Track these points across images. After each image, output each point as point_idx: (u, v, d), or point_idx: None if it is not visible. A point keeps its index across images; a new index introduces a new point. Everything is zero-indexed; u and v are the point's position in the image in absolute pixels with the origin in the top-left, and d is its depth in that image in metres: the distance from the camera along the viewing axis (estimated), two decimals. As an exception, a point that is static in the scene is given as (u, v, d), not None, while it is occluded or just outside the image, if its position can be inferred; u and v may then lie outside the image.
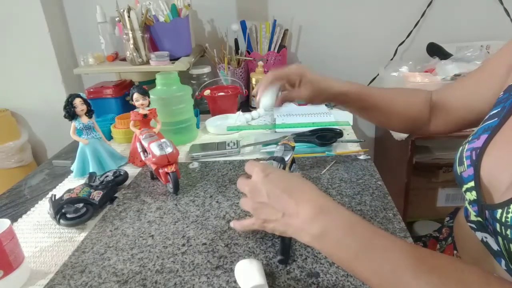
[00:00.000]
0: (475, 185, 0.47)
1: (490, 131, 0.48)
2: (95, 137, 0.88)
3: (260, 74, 1.27)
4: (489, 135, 0.48)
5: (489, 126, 0.50)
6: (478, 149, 0.48)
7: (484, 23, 1.32)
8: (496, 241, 0.45)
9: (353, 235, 0.40)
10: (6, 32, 1.38)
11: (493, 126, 0.49)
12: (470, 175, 0.48)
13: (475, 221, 0.51)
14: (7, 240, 0.53)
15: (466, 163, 0.50)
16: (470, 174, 0.48)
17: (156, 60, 1.11)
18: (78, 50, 1.51)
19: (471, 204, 0.50)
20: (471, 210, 0.52)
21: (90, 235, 0.66)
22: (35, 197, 0.83)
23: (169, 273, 0.55)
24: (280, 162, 0.63)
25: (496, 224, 0.43)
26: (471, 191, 0.48)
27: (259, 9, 1.40)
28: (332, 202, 0.44)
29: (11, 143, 1.45)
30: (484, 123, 0.52)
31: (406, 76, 1.13)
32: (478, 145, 0.49)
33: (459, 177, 0.51)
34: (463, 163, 0.50)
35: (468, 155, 0.50)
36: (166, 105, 0.98)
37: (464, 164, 0.50)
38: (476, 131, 0.52)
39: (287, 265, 0.54)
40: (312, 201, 0.44)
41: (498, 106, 0.51)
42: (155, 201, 0.75)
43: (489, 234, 0.48)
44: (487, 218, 0.46)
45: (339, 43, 1.42)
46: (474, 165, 0.48)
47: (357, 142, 0.93)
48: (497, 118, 0.49)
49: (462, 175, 0.50)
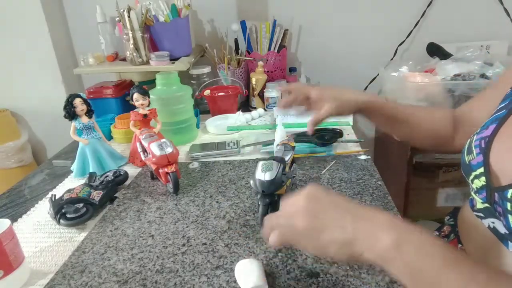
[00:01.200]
0: (484, 171, 0.49)
1: (499, 121, 0.51)
2: (95, 137, 0.88)
3: (260, 74, 1.27)
4: (498, 124, 0.50)
5: (497, 117, 0.52)
6: (487, 137, 0.51)
7: (484, 23, 1.32)
8: (505, 223, 0.47)
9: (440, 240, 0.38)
10: (6, 32, 1.38)
11: (501, 117, 0.51)
12: (479, 162, 0.50)
13: (482, 209, 0.53)
14: (7, 240, 0.53)
15: (475, 151, 0.52)
16: (479, 161, 0.50)
17: (156, 60, 1.11)
18: (78, 50, 1.51)
19: (478, 192, 0.52)
20: (478, 198, 0.53)
21: (90, 235, 0.66)
22: (35, 197, 0.83)
23: (169, 273, 0.55)
24: (280, 162, 0.63)
25: (507, 204, 0.44)
26: (480, 177, 0.50)
27: (259, 9, 1.40)
28: None
29: (11, 143, 1.45)
30: (493, 115, 0.54)
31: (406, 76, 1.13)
32: (487, 134, 0.51)
33: (467, 165, 0.53)
34: (472, 152, 0.52)
35: (477, 144, 0.52)
36: (166, 105, 0.98)
37: (473, 153, 0.52)
38: (485, 124, 0.54)
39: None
40: (385, 212, 0.41)
41: (506, 100, 0.54)
42: (155, 201, 0.75)
43: (497, 218, 0.49)
44: (496, 201, 0.47)
45: (339, 43, 1.42)
46: (483, 152, 0.50)
47: (357, 142, 0.93)
48: (505, 110, 0.51)
49: (471, 163, 0.52)
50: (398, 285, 0.49)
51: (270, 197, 0.61)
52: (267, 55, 1.33)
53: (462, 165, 0.56)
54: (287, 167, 0.66)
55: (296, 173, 0.79)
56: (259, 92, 1.30)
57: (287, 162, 0.66)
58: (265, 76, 1.28)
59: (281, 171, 0.61)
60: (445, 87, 1.04)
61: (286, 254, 0.57)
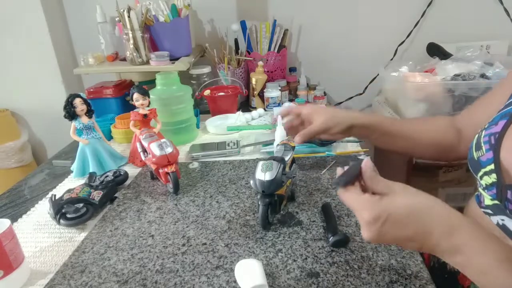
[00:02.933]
0: (495, 167, 0.49)
1: (509, 117, 0.50)
2: (95, 137, 0.88)
3: (260, 74, 1.27)
4: (508, 120, 0.50)
5: (507, 112, 0.51)
6: (497, 133, 0.50)
7: (484, 23, 1.32)
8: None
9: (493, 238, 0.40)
10: (6, 32, 1.38)
11: (511, 112, 0.50)
12: (489, 158, 0.50)
13: (491, 205, 0.52)
14: (7, 240, 0.53)
15: (485, 148, 0.51)
16: (489, 158, 0.50)
17: (156, 60, 1.11)
18: (78, 50, 1.51)
19: (487, 189, 0.51)
20: (487, 194, 0.52)
21: (90, 235, 0.66)
22: (35, 197, 0.83)
23: (169, 273, 0.55)
24: (280, 162, 0.63)
25: None
26: (490, 174, 0.49)
27: (259, 9, 1.40)
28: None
29: (11, 143, 1.45)
30: (501, 111, 0.53)
31: (406, 76, 1.12)
32: (497, 130, 0.50)
33: (476, 162, 0.53)
34: (481, 148, 0.52)
35: (487, 140, 0.51)
36: (166, 105, 0.98)
37: (482, 149, 0.52)
38: (493, 119, 0.54)
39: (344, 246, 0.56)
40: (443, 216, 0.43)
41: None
42: (155, 201, 0.75)
43: (507, 216, 0.49)
44: (509, 198, 0.47)
45: (339, 43, 1.42)
46: (494, 149, 0.49)
47: (357, 142, 0.93)
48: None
49: (480, 160, 0.52)
50: (398, 285, 0.49)
51: (270, 197, 0.61)
52: (267, 55, 1.33)
53: (470, 161, 0.55)
54: (287, 167, 0.66)
55: (296, 173, 0.79)
56: (259, 92, 1.30)
57: (287, 162, 0.66)
58: (265, 76, 1.28)
59: (281, 171, 0.61)
60: (445, 87, 1.04)
61: (286, 254, 0.57)
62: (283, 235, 0.61)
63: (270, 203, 0.61)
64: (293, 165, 0.72)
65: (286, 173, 0.63)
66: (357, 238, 0.59)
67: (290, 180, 0.67)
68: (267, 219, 0.62)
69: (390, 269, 0.52)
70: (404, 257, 0.54)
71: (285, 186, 0.63)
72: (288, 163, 0.67)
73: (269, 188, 0.60)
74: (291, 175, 0.67)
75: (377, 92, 1.43)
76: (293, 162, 0.72)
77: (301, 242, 0.59)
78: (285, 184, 0.62)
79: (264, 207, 0.61)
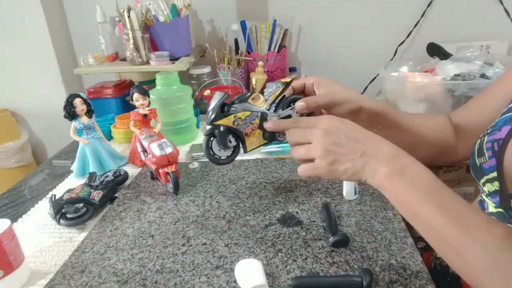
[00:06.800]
0: (498, 175, 0.47)
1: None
2: (95, 137, 0.88)
3: (260, 74, 1.27)
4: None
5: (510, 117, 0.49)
6: (500, 140, 0.48)
7: (484, 23, 1.32)
8: None
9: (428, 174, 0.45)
10: (6, 32, 1.38)
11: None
12: (492, 165, 0.48)
13: (495, 213, 0.51)
14: (7, 240, 0.53)
15: (487, 154, 0.49)
16: (492, 165, 0.48)
17: (156, 60, 1.11)
18: (78, 50, 1.50)
19: (490, 196, 0.50)
20: (490, 201, 0.51)
21: (90, 235, 0.66)
22: (35, 197, 0.83)
23: (169, 273, 0.55)
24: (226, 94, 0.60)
25: None
26: (493, 181, 0.48)
27: (259, 9, 1.40)
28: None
29: (11, 143, 1.45)
30: (503, 115, 0.51)
31: (406, 76, 1.12)
32: (500, 136, 0.48)
33: (478, 168, 0.51)
34: (484, 154, 0.50)
35: (489, 146, 0.49)
36: (166, 105, 0.98)
37: (485, 155, 0.50)
38: (496, 124, 0.52)
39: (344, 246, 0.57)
40: (391, 144, 0.49)
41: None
42: (155, 201, 0.75)
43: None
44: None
45: (339, 43, 1.42)
46: (497, 156, 0.48)
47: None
48: None
49: (483, 166, 0.50)
50: (398, 285, 0.49)
51: (212, 127, 0.59)
52: (267, 55, 1.33)
53: (471, 167, 0.53)
54: (265, 103, 0.59)
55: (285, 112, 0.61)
56: (259, 92, 1.30)
57: (270, 95, 0.60)
58: (265, 76, 1.28)
59: (222, 101, 0.58)
60: (445, 87, 1.03)
61: (286, 254, 0.57)
62: (283, 235, 0.61)
63: (212, 133, 0.60)
64: (290, 105, 0.61)
65: (245, 106, 0.59)
66: (357, 238, 0.59)
67: (258, 118, 0.59)
68: (211, 150, 0.60)
69: (390, 269, 0.52)
70: (404, 257, 0.54)
71: (231, 117, 0.58)
72: (271, 98, 0.60)
73: (209, 117, 0.59)
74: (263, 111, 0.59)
75: (377, 92, 1.43)
76: (291, 103, 0.61)
77: (301, 242, 0.59)
78: (231, 115, 0.58)
79: (206, 136, 0.60)
